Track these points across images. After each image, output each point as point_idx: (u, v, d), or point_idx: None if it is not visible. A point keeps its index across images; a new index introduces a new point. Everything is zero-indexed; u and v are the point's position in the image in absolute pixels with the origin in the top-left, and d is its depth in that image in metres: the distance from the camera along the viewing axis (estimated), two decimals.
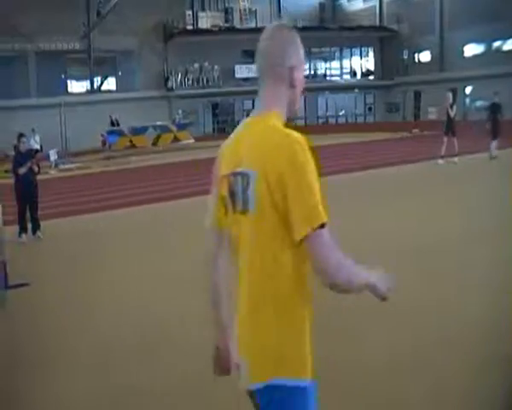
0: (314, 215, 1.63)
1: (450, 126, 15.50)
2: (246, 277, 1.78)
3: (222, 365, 1.98)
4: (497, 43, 35.21)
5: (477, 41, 35.64)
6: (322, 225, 1.64)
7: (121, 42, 34.74)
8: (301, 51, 1.84)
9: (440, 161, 15.23)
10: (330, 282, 1.67)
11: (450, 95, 15.97)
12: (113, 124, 30.17)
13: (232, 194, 1.80)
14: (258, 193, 1.69)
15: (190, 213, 10.91)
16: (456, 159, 15.27)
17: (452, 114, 15.47)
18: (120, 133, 28.61)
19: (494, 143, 15.29)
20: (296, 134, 1.70)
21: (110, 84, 37.22)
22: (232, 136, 1.89)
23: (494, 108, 15.77)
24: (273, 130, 1.74)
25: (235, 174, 1.78)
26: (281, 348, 1.72)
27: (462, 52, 36.42)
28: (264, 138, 1.73)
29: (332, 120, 42.30)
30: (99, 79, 36.77)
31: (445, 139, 15.43)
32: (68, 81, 35.90)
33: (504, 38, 34.56)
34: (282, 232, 1.69)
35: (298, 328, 1.74)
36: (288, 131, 1.73)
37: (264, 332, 1.73)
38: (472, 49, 36.43)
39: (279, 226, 1.69)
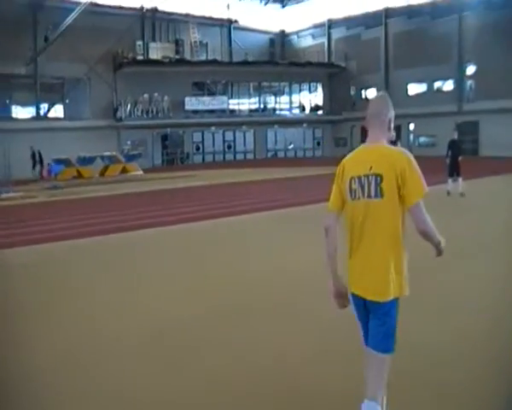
0: (421, 191, 2.88)
1: None
2: (375, 236, 2.94)
3: (342, 299, 3.07)
4: (437, 84, 36.93)
5: (420, 81, 37.27)
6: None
7: (69, 69, 34.17)
8: (393, 109, 3.11)
9: None
10: (425, 230, 2.89)
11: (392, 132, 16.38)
12: (34, 157, 28.77)
13: (363, 187, 2.95)
14: (388, 186, 2.89)
15: (142, 246, 10.64)
16: None
17: None
18: (67, 163, 27.83)
19: (459, 181, 15.17)
20: (406, 150, 3.00)
21: (57, 111, 36.39)
22: (352, 154, 3.11)
23: (453, 145, 15.64)
24: (392, 149, 3.00)
25: (366, 175, 2.94)
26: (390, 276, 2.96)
27: (406, 90, 37.97)
28: (388, 153, 2.96)
29: (281, 154, 42.81)
30: (46, 105, 35.89)
31: None
32: (13, 107, 34.86)
33: (444, 79, 36.35)
34: (400, 208, 2.91)
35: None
36: (400, 149, 3.02)
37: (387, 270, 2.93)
38: (415, 88, 38.04)
39: (398, 204, 2.90)
